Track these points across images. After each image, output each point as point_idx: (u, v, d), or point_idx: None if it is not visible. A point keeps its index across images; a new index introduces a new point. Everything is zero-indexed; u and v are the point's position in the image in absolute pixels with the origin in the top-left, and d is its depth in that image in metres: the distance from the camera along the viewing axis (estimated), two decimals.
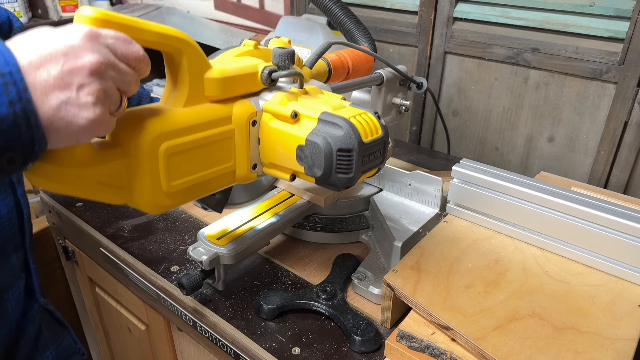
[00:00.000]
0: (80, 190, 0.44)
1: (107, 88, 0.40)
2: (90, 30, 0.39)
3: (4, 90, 0.35)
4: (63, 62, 0.37)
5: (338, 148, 0.51)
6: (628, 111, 0.94)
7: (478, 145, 1.20)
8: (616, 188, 1.00)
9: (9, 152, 0.36)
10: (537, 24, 1.02)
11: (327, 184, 0.54)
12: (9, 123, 0.35)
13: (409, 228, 0.73)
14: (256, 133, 0.57)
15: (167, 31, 0.46)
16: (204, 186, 0.54)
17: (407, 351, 0.57)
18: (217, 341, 0.68)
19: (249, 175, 0.58)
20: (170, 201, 0.51)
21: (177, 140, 0.49)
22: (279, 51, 0.56)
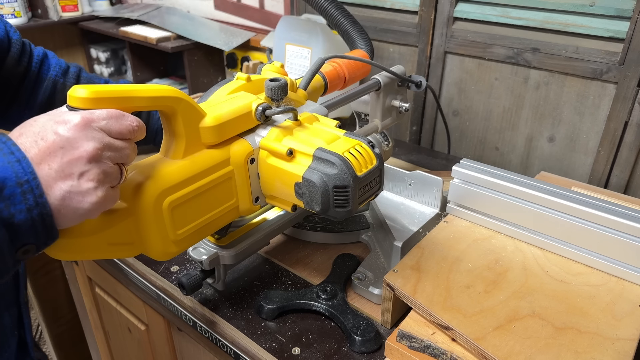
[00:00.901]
0: (92, 254, 0.47)
1: (106, 169, 0.42)
2: (83, 119, 0.41)
3: (22, 199, 0.38)
4: (62, 155, 0.40)
5: (334, 185, 0.53)
6: (628, 111, 0.94)
7: (478, 145, 1.20)
8: (616, 188, 1.00)
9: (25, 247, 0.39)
10: (538, 23, 1.02)
11: (327, 216, 0.56)
12: (26, 227, 0.38)
13: (409, 228, 0.73)
14: (255, 169, 0.59)
15: (158, 93, 0.47)
16: (210, 226, 0.57)
17: (408, 351, 0.57)
18: (217, 341, 0.68)
19: (252, 208, 0.60)
20: (178, 248, 0.54)
21: (179, 193, 0.51)
22: (272, 85, 0.58)
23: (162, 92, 0.48)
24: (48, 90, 0.80)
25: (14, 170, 0.38)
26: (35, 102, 0.80)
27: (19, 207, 0.38)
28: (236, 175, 0.57)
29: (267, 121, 0.59)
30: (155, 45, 1.71)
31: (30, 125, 0.41)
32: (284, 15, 1.44)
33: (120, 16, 1.95)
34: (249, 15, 1.73)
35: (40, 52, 0.81)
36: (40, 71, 0.80)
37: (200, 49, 1.77)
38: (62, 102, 0.81)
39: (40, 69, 0.80)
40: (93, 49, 2.12)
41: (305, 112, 0.62)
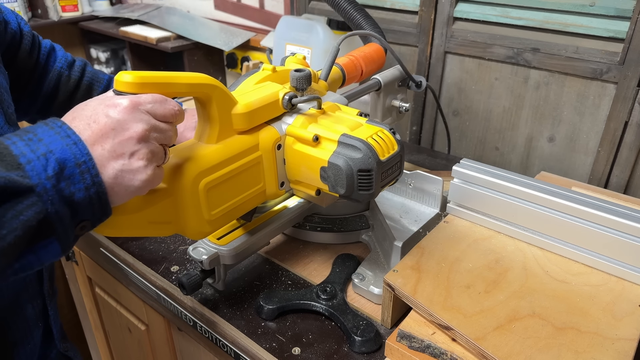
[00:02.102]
0: (134, 231, 0.50)
1: (153, 149, 0.45)
2: (131, 102, 0.44)
3: (81, 179, 0.41)
4: (113, 136, 0.43)
5: (358, 169, 0.56)
6: (628, 111, 0.94)
7: (478, 145, 1.20)
8: (616, 188, 1.00)
9: (82, 223, 0.43)
10: (538, 23, 1.02)
11: (350, 199, 0.59)
12: (85, 205, 0.41)
13: (409, 228, 0.73)
14: (281, 155, 0.62)
15: (197, 80, 0.51)
16: (240, 208, 0.60)
17: (408, 351, 0.57)
18: (217, 341, 0.68)
19: (278, 192, 0.63)
20: (211, 228, 0.57)
21: (214, 175, 0.54)
22: (297, 75, 0.61)
23: (200, 79, 0.51)
24: (53, 81, 0.80)
25: (72, 152, 0.40)
26: (40, 94, 0.80)
27: (78, 186, 0.40)
28: (264, 160, 0.60)
29: (293, 109, 0.62)
30: (155, 45, 1.71)
31: (81, 109, 0.44)
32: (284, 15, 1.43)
33: (120, 16, 1.95)
34: (248, 15, 1.73)
35: (48, 44, 0.82)
36: (47, 62, 0.80)
37: (200, 49, 1.77)
38: (65, 94, 0.81)
39: (47, 61, 0.80)
40: (93, 49, 2.12)
41: (327, 102, 0.65)
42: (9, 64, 0.74)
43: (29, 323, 0.62)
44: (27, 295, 0.62)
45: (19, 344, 0.61)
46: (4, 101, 0.61)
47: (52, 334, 0.68)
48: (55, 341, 0.68)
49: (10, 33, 0.73)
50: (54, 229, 0.40)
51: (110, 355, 1.16)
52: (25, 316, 0.62)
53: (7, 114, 0.61)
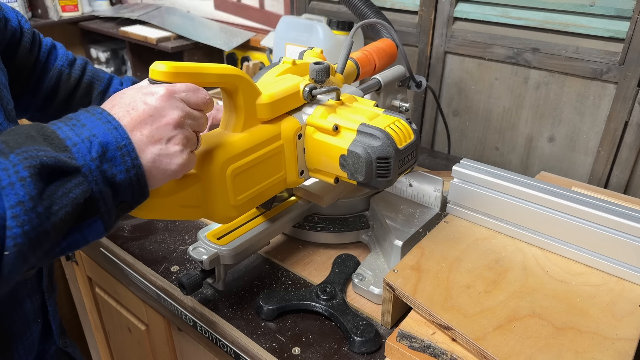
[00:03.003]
0: (165, 214, 0.53)
1: (188, 135, 0.48)
2: (167, 90, 0.47)
3: (122, 161, 0.43)
4: (151, 122, 0.45)
5: (377, 157, 0.58)
6: (628, 111, 0.94)
7: (478, 145, 1.20)
8: (616, 188, 1.00)
9: (122, 204, 0.45)
10: (538, 23, 1.02)
11: (368, 186, 0.61)
12: (125, 186, 0.44)
13: (409, 228, 0.73)
14: (302, 144, 0.64)
15: (225, 71, 0.53)
16: (262, 195, 0.62)
17: (408, 351, 0.57)
18: (217, 341, 0.68)
19: (298, 180, 0.66)
20: (237, 212, 0.59)
21: (240, 162, 0.57)
22: (316, 67, 0.64)
23: (228, 70, 0.54)
24: (53, 79, 0.80)
25: (113, 136, 0.43)
26: (40, 91, 0.80)
27: (119, 168, 0.43)
28: (285, 149, 0.62)
29: (313, 100, 0.64)
30: (155, 45, 1.71)
31: (120, 97, 0.46)
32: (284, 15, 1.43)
33: (120, 16, 1.95)
34: (249, 15, 1.73)
35: (49, 42, 0.82)
36: (47, 60, 0.80)
37: (200, 49, 1.77)
38: (66, 92, 0.81)
39: (47, 58, 0.80)
40: (93, 49, 2.12)
41: (345, 93, 0.68)
42: (9, 61, 0.74)
43: (28, 318, 0.63)
44: (26, 290, 0.62)
45: (18, 339, 0.61)
46: (4, 98, 0.61)
47: (51, 329, 0.68)
48: (54, 337, 0.68)
49: (11, 30, 0.73)
50: (97, 208, 0.42)
51: (110, 355, 1.16)
52: (24, 311, 0.62)
53: (7, 110, 0.61)
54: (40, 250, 0.40)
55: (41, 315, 0.66)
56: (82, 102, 0.82)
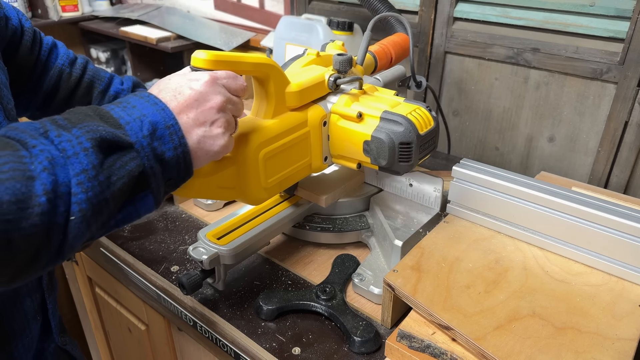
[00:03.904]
0: (205, 193, 0.57)
1: (228, 119, 0.52)
2: (211, 77, 0.51)
3: (170, 139, 0.46)
4: (197, 106, 0.49)
5: (399, 142, 0.61)
6: (628, 111, 0.94)
7: (478, 145, 1.20)
8: (616, 188, 1.00)
9: (169, 181, 0.48)
10: (538, 24, 1.02)
11: (390, 171, 0.64)
12: (173, 163, 0.47)
13: (409, 228, 0.73)
14: (326, 131, 0.68)
15: (259, 60, 0.58)
16: (289, 179, 0.66)
17: (408, 351, 0.57)
18: (217, 341, 0.68)
19: (322, 166, 0.70)
20: (267, 194, 0.63)
21: (271, 147, 0.61)
22: (339, 58, 0.67)
23: (262, 60, 0.58)
24: (54, 78, 0.81)
25: (162, 116, 0.46)
26: (41, 90, 0.81)
27: (168, 146, 0.46)
28: (311, 135, 0.66)
29: (337, 90, 0.69)
30: (155, 45, 1.71)
31: (166, 83, 0.50)
32: (284, 15, 1.43)
33: (120, 16, 1.95)
34: (249, 15, 1.73)
35: (50, 41, 0.82)
36: (48, 59, 0.80)
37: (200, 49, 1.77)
38: (66, 91, 0.82)
39: (48, 57, 0.80)
40: (93, 49, 2.12)
41: (366, 83, 0.71)
42: (9, 60, 0.74)
43: (27, 316, 0.63)
44: (26, 288, 0.62)
45: (17, 336, 0.62)
46: (4, 97, 0.61)
47: (50, 327, 0.68)
48: (53, 335, 0.69)
49: (11, 29, 0.73)
50: (149, 183, 0.45)
51: (110, 355, 1.16)
52: (24, 309, 0.62)
53: (7, 109, 0.61)
54: (100, 218, 0.42)
55: (41, 313, 0.66)
56: (82, 101, 0.82)
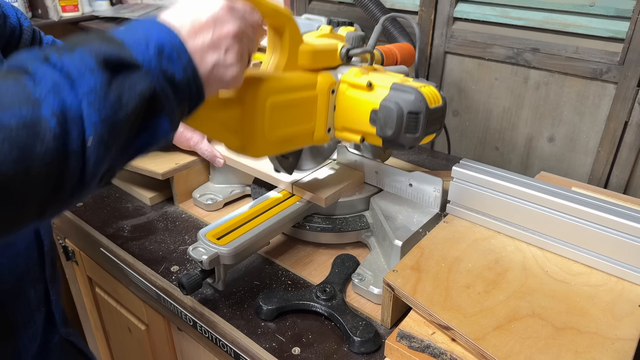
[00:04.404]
0: (207, 128, 0.55)
1: (242, 50, 0.50)
2: (228, 4, 0.49)
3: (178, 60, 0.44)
4: (212, 31, 0.47)
5: (408, 111, 0.60)
6: (628, 111, 0.94)
7: (478, 145, 1.20)
8: (616, 188, 1.00)
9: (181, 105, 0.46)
10: (537, 24, 1.02)
11: (395, 143, 0.63)
12: (184, 85, 0.45)
13: (409, 228, 0.73)
14: (333, 100, 0.67)
15: (279, 7, 0.57)
16: (291, 141, 0.65)
17: (407, 351, 0.57)
18: (217, 341, 0.68)
19: (324, 137, 0.68)
20: (267, 148, 0.62)
21: (279, 97, 0.60)
22: (353, 34, 0.68)
23: (281, 7, 0.57)
24: None
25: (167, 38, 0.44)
26: None
27: (176, 66, 0.44)
28: (319, 100, 0.65)
29: (349, 62, 0.68)
30: None
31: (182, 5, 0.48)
32: None
33: (120, 16, 1.95)
34: None
35: (50, 40, 0.82)
36: None
37: None
38: None
39: None
40: None
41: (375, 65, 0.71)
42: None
43: (31, 306, 0.63)
44: (29, 278, 0.63)
45: (22, 327, 0.62)
46: None
47: (54, 319, 0.68)
48: (57, 326, 0.69)
49: (10, 27, 0.73)
50: (162, 105, 0.43)
51: (110, 355, 1.16)
52: (28, 300, 0.63)
53: None
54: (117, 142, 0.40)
55: (44, 305, 0.66)
56: None
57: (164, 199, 0.95)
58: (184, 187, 0.93)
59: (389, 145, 0.64)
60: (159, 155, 0.93)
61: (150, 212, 0.91)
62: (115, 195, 0.96)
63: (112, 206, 0.93)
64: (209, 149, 0.90)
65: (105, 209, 0.92)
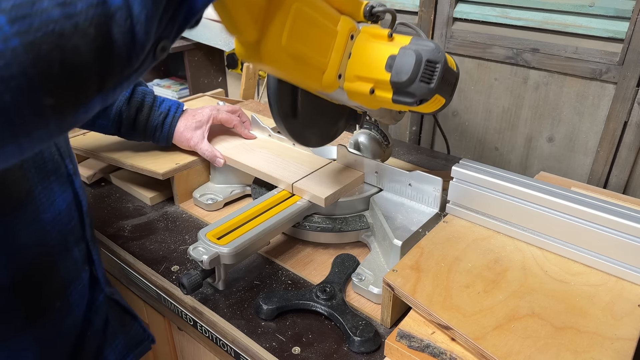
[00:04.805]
0: (232, 8, 0.52)
1: None
2: None
3: None
4: None
5: (427, 58, 0.60)
6: (628, 111, 0.94)
7: (478, 145, 1.20)
8: (616, 188, 1.00)
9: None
10: (537, 24, 1.02)
11: (406, 93, 0.61)
12: None
13: (409, 228, 0.73)
14: (350, 47, 0.65)
15: None
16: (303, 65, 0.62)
17: (407, 351, 0.57)
18: (217, 340, 0.68)
19: (334, 82, 0.66)
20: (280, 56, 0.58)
21: (306, 7, 0.58)
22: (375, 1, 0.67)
23: None
24: None
25: None
26: None
27: None
28: (337, 40, 0.63)
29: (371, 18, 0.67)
30: None
31: None
32: None
33: None
34: None
35: None
36: None
37: (200, 49, 1.78)
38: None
39: None
40: None
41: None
42: None
43: (77, 265, 0.65)
44: (72, 238, 0.64)
45: (71, 283, 0.64)
46: None
47: (97, 278, 0.70)
48: (101, 285, 0.71)
49: None
50: None
51: None
52: (74, 258, 0.64)
53: None
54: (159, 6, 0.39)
55: (87, 265, 0.68)
56: None
57: (164, 198, 0.95)
58: (185, 187, 0.93)
59: (398, 97, 0.62)
60: (159, 155, 0.93)
61: (151, 212, 0.92)
62: (116, 195, 0.97)
63: (113, 206, 0.93)
64: (209, 149, 0.90)
65: (106, 208, 0.92)
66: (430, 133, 1.27)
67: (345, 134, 1.14)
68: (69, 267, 0.63)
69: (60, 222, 0.62)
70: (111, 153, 0.94)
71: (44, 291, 0.60)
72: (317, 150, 0.97)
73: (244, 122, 0.99)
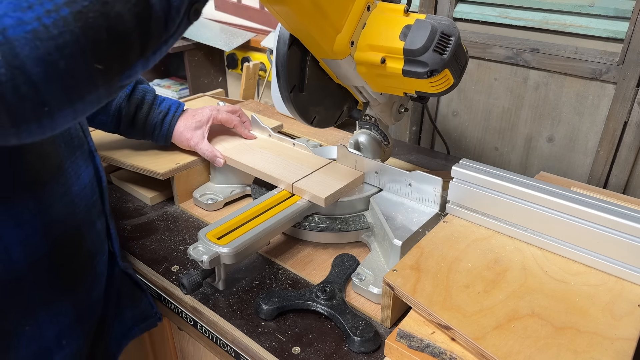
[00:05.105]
0: None
1: None
2: None
3: None
4: None
5: (442, 31, 0.61)
6: (627, 111, 0.94)
7: (478, 145, 1.20)
8: (616, 188, 1.00)
9: None
10: (537, 24, 1.02)
11: (418, 62, 0.62)
12: None
13: (409, 228, 0.73)
14: (365, 18, 0.66)
15: None
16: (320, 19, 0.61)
17: (407, 350, 0.57)
18: (218, 340, 0.68)
19: (345, 48, 0.65)
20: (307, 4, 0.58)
21: None
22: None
23: None
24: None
25: None
26: None
27: None
28: (354, 7, 0.64)
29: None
30: None
31: None
32: None
33: None
34: (249, 15, 1.73)
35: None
36: None
37: (200, 49, 1.78)
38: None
39: None
40: None
41: None
42: None
43: (100, 237, 0.68)
44: (95, 211, 0.67)
45: (96, 254, 0.67)
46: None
47: (114, 252, 0.73)
48: (117, 259, 0.73)
49: None
50: None
51: None
52: (97, 230, 0.67)
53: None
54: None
55: (106, 238, 0.71)
56: None
57: (164, 198, 0.95)
58: (185, 187, 0.93)
59: (409, 67, 0.62)
60: (160, 155, 0.93)
61: (151, 211, 0.92)
62: (116, 195, 0.97)
63: (113, 206, 0.93)
64: (209, 149, 0.90)
65: None
66: (430, 133, 1.27)
67: (345, 134, 1.14)
68: (93, 239, 0.66)
69: (85, 196, 0.64)
70: (111, 153, 0.94)
71: (76, 260, 0.63)
72: (317, 150, 0.97)
73: (244, 122, 0.99)
